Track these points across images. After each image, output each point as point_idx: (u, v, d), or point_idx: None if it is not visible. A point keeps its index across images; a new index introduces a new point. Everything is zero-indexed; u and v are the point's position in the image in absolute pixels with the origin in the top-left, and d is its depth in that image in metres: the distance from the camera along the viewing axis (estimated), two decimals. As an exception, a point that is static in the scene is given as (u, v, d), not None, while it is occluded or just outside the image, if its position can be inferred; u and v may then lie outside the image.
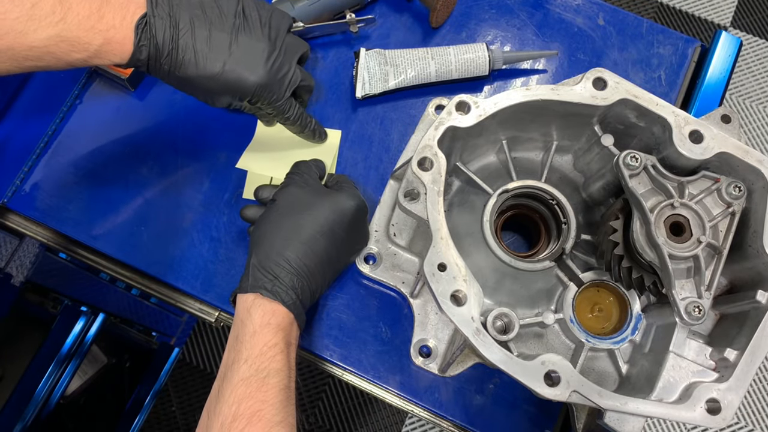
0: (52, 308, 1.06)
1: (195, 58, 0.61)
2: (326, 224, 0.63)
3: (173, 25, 0.60)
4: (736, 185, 0.58)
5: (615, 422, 0.59)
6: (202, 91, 0.64)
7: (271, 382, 0.56)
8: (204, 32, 0.61)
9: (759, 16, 1.99)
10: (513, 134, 0.69)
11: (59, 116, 0.79)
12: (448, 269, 0.57)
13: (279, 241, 0.62)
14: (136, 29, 0.59)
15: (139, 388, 1.36)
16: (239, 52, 0.62)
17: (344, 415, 1.63)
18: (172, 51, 0.60)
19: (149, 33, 0.59)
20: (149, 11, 0.59)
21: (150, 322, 1.43)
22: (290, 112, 0.69)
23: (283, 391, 0.56)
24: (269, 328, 0.59)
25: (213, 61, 0.61)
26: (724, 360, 0.57)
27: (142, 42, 0.59)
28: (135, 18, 0.59)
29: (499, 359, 0.54)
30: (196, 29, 0.61)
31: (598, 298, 0.67)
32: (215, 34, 0.62)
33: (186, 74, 0.61)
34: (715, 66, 0.82)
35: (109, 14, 0.58)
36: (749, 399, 1.66)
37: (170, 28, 0.60)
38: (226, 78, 0.62)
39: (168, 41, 0.60)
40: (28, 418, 0.96)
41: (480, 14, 0.85)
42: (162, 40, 0.60)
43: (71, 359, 1.03)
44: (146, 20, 0.59)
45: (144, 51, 0.60)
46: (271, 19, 0.65)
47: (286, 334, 0.60)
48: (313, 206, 0.64)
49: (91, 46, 0.58)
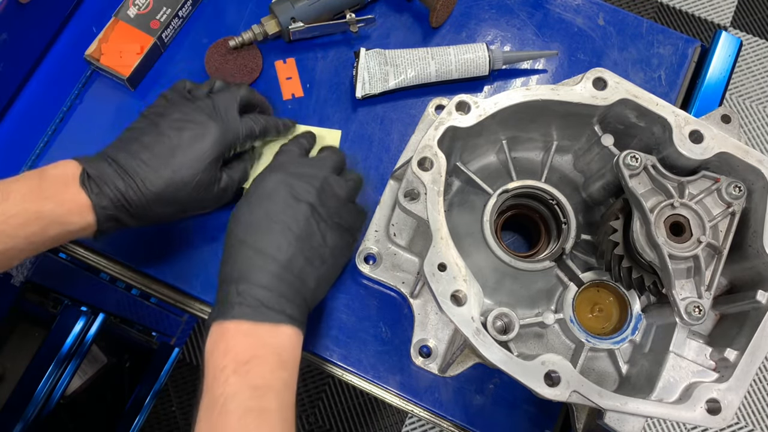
0: (52, 308, 1.06)
1: (150, 166, 0.60)
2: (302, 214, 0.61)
3: (112, 161, 0.60)
4: (736, 185, 0.58)
5: (615, 422, 0.59)
6: (186, 191, 0.62)
7: (230, 408, 0.51)
8: (143, 148, 0.61)
9: (759, 16, 1.99)
10: (513, 134, 0.69)
11: (59, 116, 0.79)
12: (448, 269, 0.57)
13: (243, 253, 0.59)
14: (83, 185, 0.58)
15: (139, 388, 1.36)
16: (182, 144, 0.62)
17: (344, 415, 1.63)
18: (127, 182, 0.60)
19: (96, 182, 0.59)
20: (85, 165, 0.59)
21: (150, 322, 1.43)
22: (260, 134, 0.69)
23: (247, 415, 0.51)
24: (217, 350, 0.55)
25: (166, 159, 0.61)
26: (724, 360, 0.57)
27: (96, 190, 0.59)
28: (77, 177, 0.59)
29: (499, 359, 0.54)
30: (130, 156, 0.61)
31: (598, 298, 0.67)
32: (155, 147, 0.62)
33: (152, 194, 0.60)
34: (715, 66, 0.82)
35: (51, 185, 0.58)
36: (749, 399, 1.66)
37: (112, 166, 0.60)
38: (189, 157, 0.62)
39: (116, 178, 0.59)
40: (28, 417, 0.96)
41: (480, 14, 0.85)
42: (111, 182, 0.59)
43: (71, 359, 1.03)
44: (86, 173, 0.59)
45: (103, 198, 0.59)
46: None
47: (244, 350, 0.54)
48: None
49: (42, 214, 0.56)
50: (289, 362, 0.56)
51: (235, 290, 0.57)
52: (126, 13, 0.78)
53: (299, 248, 0.59)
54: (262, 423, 0.52)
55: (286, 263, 0.58)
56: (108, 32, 0.78)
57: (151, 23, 0.79)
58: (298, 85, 0.81)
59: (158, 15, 0.79)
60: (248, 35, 0.78)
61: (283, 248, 0.59)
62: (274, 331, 0.56)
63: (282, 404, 0.54)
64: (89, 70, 0.80)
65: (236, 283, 0.57)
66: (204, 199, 0.65)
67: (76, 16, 0.83)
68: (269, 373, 0.54)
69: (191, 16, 0.83)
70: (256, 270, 0.58)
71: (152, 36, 0.78)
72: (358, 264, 0.71)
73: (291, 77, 0.81)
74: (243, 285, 0.57)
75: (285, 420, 0.53)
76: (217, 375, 0.53)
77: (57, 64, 0.81)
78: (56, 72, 0.81)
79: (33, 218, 0.56)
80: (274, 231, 0.60)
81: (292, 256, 0.59)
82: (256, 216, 0.61)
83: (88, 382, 1.16)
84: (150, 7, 0.79)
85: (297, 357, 0.58)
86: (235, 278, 0.58)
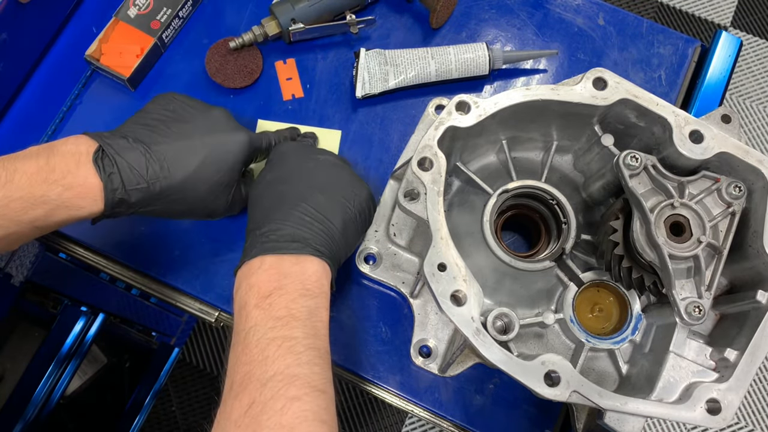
0: (52, 308, 1.06)
1: (179, 152, 0.58)
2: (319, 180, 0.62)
3: (134, 140, 0.57)
4: (736, 185, 0.58)
5: (615, 422, 0.59)
6: (204, 188, 0.60)
7: (252, 341, 0.50)
8: (170, 134, 0.59)
9: (759, 16, 1.99)
10: (513, 134, 0.69)
11: (59, 116, 0.79)
12: (448, 269, 0.57)
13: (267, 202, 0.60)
14: (96, 163, 0.55)
15: (139, 388, 1.36)
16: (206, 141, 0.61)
17: (344, 415, 1.62)
18: (149, 162, 0.57)
19: (112, 160, 0.56)
20: (101, 141, 0.56)
21: (150, 322, 1.43)
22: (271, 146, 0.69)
23: (270, 345, 0.50)
24: (241, 289, 0.55)
25: (196, 149, 0.59)
26: (724, 360, 0.57)
27: (109, 170, 0.55)
28: (90, 155, 0.55)
29: (499, 359, 0.54)
30: (159, 137, 0.58)
31: (598, 298, 0.67)
32: (184, 136, 0.60)
33: (174, 180, 0.58)
34: (715, 66, 0.82)
35: (60, 164, 0.54)
36: (749, 399, 1.66)
37: (133, 144, 0.57)
38: (211, 159, 0.60)
39: (138, 157, 0.57)
40: (28, 418, 0.96)
41: (480, 14, 0.85)
42: (131, 160, 0.56)
43: (71, 359, 1.03)
44: (101, 150, 0.56)
45: (116, 179, 0.56)
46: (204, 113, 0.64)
47: (266, 283, 0.54)
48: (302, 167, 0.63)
49: (48, 198, 0.54)
50: (314, 290, 0.55)
51: (258, 233, 0.57)
52: (126, 13, 0.78)
53: (320, 190, 0.60)
54: (286, 351, 0.50)
55: (309, 201, 0.59)
56: (108, 32, 0.78)
57: (151, 23, 0.79)
58: (299, 86, 0.81)
59: (158, 15, 0.79)
60: (248, 36, 0.78)
61: (304, 192, 0.59)
62: (297, 261, 0.55)
63: (308, 332, 0.52)
64: (89, 70, 0.80)
65: (259, 227, 0.58)
66: (215, 202, 0.63)
67: (76, 16, 0.83)
68: (292, 302, 0.53)
69: (191, 16, 0.83)
70: (278, 211, 0.58)
71: (152, 36, 0.78)
72: (358, 264, 0.71)
73: (291, 78, 0.81)
74: (265, 226, 0.57)
75: (312, 347, 0.51)
76: (240, 312, 0.53)
77: (57, 64, 0.81)
78: (56, 72, 0.81)
79: (38, 203, 0.53)
80: (293, 180, 0.60)
81: (313, 197, 0.59)
82: (276, 173, 0.62)
83: (88, 382, 1.16)
84: (150, 7, 0.79)
85: (324, 287, 0.56)
86: (258, 224, 0.58)
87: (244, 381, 0.49)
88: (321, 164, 0.64)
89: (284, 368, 0.49)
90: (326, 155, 0.66)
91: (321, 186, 0.61)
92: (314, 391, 0.48)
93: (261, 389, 0.48)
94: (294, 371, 0.49)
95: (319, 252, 0.57)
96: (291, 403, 0.47)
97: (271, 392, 0.47)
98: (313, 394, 0.48)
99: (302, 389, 0.48)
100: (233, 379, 0.50)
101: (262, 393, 0.47)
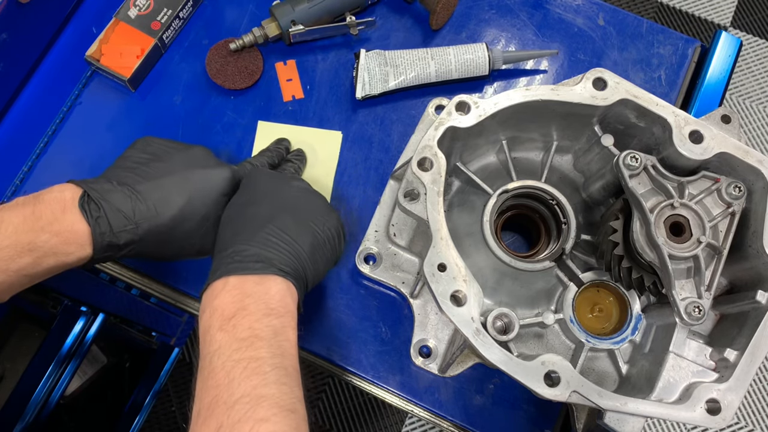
0: (52, 308, 1.06)
1: (163, 191, 0.58)
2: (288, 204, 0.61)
3: (118, 183, 0.57)
4: (736, 185, 0.58)
5: (615, 422, 0.59)
6: (191, 224, 0.60)
7: (217, 365, 0.49)
8: (154, 175, 0.59)
9: (759, 16, 1.99)
10: (513, 134, 0.69)
11: (59, 116, 0.79)
12: (448, 269, 0.57)
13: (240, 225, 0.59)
14: (82, 208, 0.55)
15: (139, 388, 1.36)
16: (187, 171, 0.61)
17: (344, 415, 1.63)
18: (135, 203, 0.57)
19: (98, 204, 0.56)
20: (85, 187, 0.56)
21: (150, 322, 1.43)
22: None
23: (235, 367, 0.48)
24: (204, 313, 0.53)
25: (180, 186, 0.59)
26: (724, 360, 0.57)
27: (96, 214, 0.55)
28: (75, 200, 0.55)
29: (499, 359, 0.54)
30: (142, 178, 0.59)
31: (598, 298, 0.67)
32: (166, 175, 0.60)
33: (161, 219, 0.58)
34: (715, 66, 0.82)
35: (46, 211, 0.54)
36: (749, 399, 1.66)
37: (118, 187, 0.57)
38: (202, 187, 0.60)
39: (123, 199, 0.57)
40: (28, 418, 0.96)
41: (480, 15, 0.85)
42: (117, 202, 0.56)
43: (71, 359, 1.03)
44: (87, 195, 0.56)
45: (103, 222, 0.56)
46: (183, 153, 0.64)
47: (229, 305, 0.52)
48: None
49: (35, 246, 0.53)
50: (279, 310, 0.53)
51: (223, 254, 0.56)
52: (126, 13, 0.78)
53: (290, 212, 0.59)
54: (252, 372, 0.48)
55: (277, 223, 0.58)
56: (108, 33, 0.78)
57: (151, 24, 0.79)
58: (299, 87, 0.81)
59: (159, 16, 0.79)
60: (249, 38, 0.78)
61: (273, 213, 0.58)
62: (261, 281, 0.54)
63: (274, 352, 0.50)
64: (89, 70, 0.80)
65: (225, 249, 0.56)
66: (204, 238, 0.63)
67: (76, 17, 0.83)
68: (256, 322, 0.51)
69: (192, 17, 0.83)
70: (245, 232, 0.57)
71: (153, 37, 0.78)
72: (358, 264, 0.71)
73: (291, 79, 0.81)
74: (231, 248, 0.56)
75: (279, 367, 0.50)
76: (204, 336, 0.51)
77: (57, 65, 0.81)
78: (56, 72, 0.81)
79: (25, 251, 0.53)
80: (262, 203, 0.60)
81: (281, 220, 0.58)
82: (247, 196, 0.61)
83: (88, 382, 1.16)
84: (151, 8, 0.79)
85: (289, 306, 0.54)
86: (224, 246, 0.57)
87: (212, 405, 0.47)
88: (293, 189, 0.63)
89: (251, 390, 0.47)
90: (299, 182, 0.65)
91: (291, 209, 0.60)
92: (283, 411, 0.47)
93: (228, 412, 0.46)
94: (261, 392, 0.47)
95: (284, 272, 0.55)
96: (259, 425, 0.46)
97: (238, 415, 0.46)
98: (281, 414, 0.47)
99: (270, 410, 0.47)
100: (200, 405, 0.48)
101: (229, 416, 0.46)
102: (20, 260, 0.53)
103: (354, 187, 0.77)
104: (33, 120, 0.79)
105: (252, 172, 0.65)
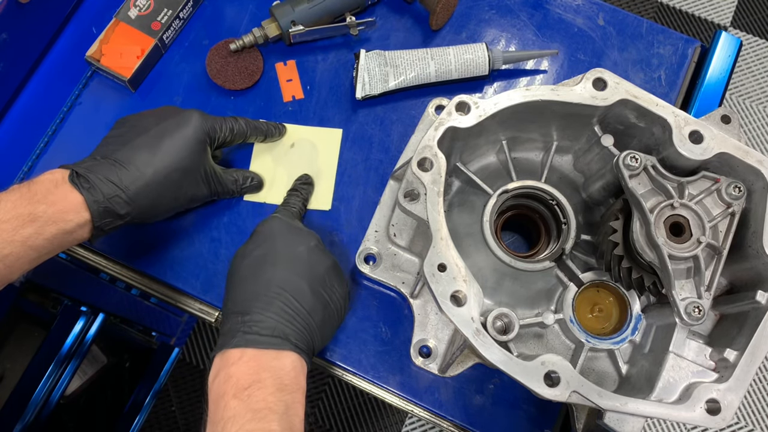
0: (52, 308, 1.06)
1: (141, 153, 0.62)
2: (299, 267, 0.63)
3: (101, 157, 0.62)
4: (735, 185, 0.58)
5: (615, 422, 0.59)
6: (176, 175, 0.64)
7: (231, 431, 0.51)
8: (131, 142, 0.64)
9: (759, 16, 1.99)
10: (513, 134, 0.69)
11: (59, 116, 0.79)
12: (448, 269, 0.57)
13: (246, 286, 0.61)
14: (72, 182, 0.59)
15: (139, 388, 1.36)
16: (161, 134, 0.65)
17: (344, 415, 1.63)
18: (119, 170, 0.61)
19: (86, 177, 0.60)
20: (73, 166, 0.61)
21: (150, 322, 1.43)
22: (247, 131, 0.72)
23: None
24: (219, 378, 0.55)
25: (154, 145, 0.63)
26: (724, 360, 0.57)
27: (86, 185, 0.60)
28: (66, 178, 0.60)
29: (499, 359, 0.54)
30: (120, 146, 0.63)
31: (598, 299, 0.67)
32: (142, 139, 0.64)
33: (146, 175, 0.62)
34: (715, 66, 0.82)
35: (40, 188, 0.58)
36: (749, 399, 1.66)
37: (101, 160, 0.62)
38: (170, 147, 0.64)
39: (107, 168, 0.61)
40: (28, 418, 0.96)
41: (480, 15, 0.85)
42: (103, 173, 0.60)
43: (71, 359, 1.03)
44: (75, 172, 0.60)
45: (95, 192, 0.60)
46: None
47: (245, 375, 0.54)
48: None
49: (35, 215, 0.57)
50: (292, 386, 0.56)
51: (240, 320, 0.58)
52: (127, 14, 0.78)
53: (306, 281, 0.61)
54: None
55: (293, 293, 0.59)
56: (109, 33, 0.78)
57: (152, 24, 0.79)
58: (299, 87, 0.81)
59: (159, 16, 0.79)
60: (249, 38, 0.78)
61: (290, 281, 0.60)
62: (277, 356, 0.56)
63: (284, 426, 0.52)
64: (89, 70, 0.80)
65: (241, 314, 0.58)
66: (193, 184, 0.67)
67: (76, 17, 0.83)
68: (270, 395, 0.53)
69: (192, 17, 0.83)
70: (261, 298, 0.59)
71: (153, 37, 0.78)
72: (358, 264, 0.71)
73: (291, 79, 0.81)
74: (248, 315, 0.58)
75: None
76: (218, 401, 0.53)
77: (57, 65, 0.81)
78: (56, 72, 0.81)
79: (27, 221, 0.57)
80: (279, 265, 0.61)
81: (298, 288, 0.60)
82: (262, 251, 0.62)
83: (88, 382, 1.16)
84: (151, 8, 0.79)
85: (300, 383, 0.57)
86: (239, 309, 0.59)
87: None
88: (307, 250, 0.63)
89: None
90: (312, 239, 0.65)
91: (305, 275, 0.61)
92: None
93: None
94: None
95: (299, 348, 0.58)
96: None
97: None
98: None
99: None
100: None
101: None
102: (23, 230, 0.57)
103: (354, 187, 0.77)
104: (33, 120, 0.79)
105: (268, 223, 0.66)
